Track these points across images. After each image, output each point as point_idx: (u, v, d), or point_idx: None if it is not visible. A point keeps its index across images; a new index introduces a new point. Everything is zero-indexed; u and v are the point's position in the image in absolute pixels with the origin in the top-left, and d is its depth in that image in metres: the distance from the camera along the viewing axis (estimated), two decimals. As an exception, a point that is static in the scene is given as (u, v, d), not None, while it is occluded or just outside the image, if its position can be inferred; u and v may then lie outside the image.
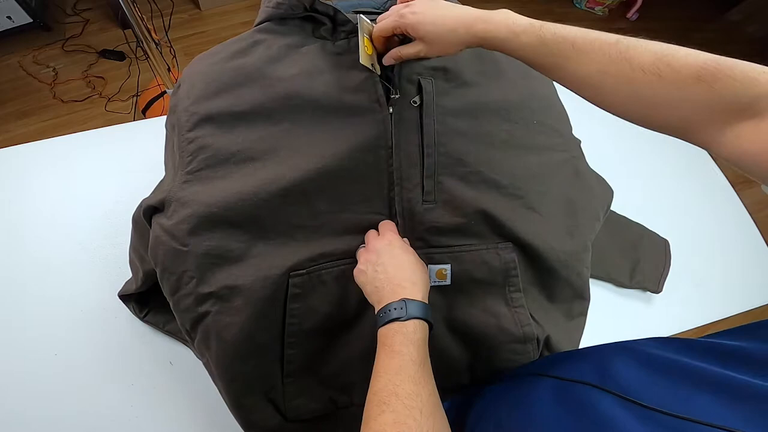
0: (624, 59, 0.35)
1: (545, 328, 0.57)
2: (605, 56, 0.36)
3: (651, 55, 0.34)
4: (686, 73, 0.32)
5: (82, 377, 0.67)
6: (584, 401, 0.33)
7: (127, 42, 1.78)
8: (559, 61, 0.39)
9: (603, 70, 0.36)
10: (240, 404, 0.52)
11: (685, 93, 0.32)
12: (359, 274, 0.48)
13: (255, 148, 0.50)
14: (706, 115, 0.32)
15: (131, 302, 0.69)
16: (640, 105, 0.36)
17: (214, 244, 0.49)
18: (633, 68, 0.34)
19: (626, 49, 0.35)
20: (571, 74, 0.39)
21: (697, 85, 0.32)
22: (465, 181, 0.54)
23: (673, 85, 0.33)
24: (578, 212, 0.60)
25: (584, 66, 0.37)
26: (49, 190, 0.82)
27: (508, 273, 0.55)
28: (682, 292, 0.85)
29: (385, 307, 0.43)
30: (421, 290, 0.45)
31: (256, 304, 0.49)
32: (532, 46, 0.40)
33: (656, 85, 0.33)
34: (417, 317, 0.42)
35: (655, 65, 0.33)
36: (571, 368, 0.39)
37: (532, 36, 0.40)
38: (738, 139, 0.31)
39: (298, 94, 0.52)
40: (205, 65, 0.55)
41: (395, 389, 0.36)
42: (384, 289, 0.44)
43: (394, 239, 0.49)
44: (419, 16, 0.46)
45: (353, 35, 0.55)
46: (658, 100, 0.34)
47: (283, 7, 0.56)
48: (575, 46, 0.38)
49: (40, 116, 1.76)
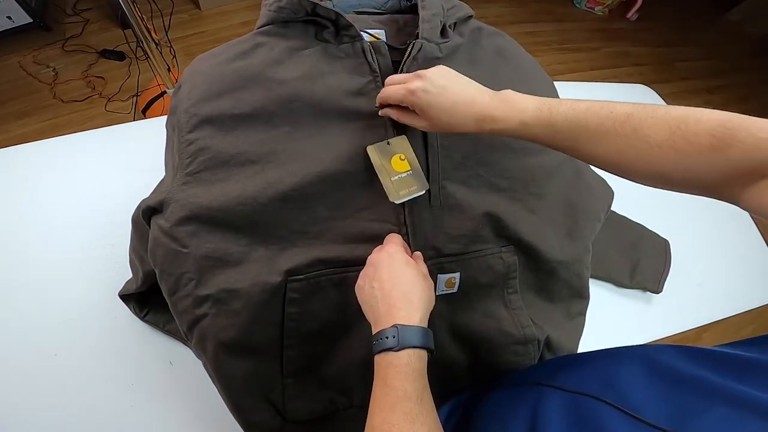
0: (639, 138, 0.35)
1: (545, 328, 0.57)
2: (620, 137, 0.36)
3: (665, 130, 0.34)
4: (700, 144, 0.33)
5: (82, 377, 0.66)
6: (589, 416, 0.33)
7: (127, 42, 1.78)
8: (574, 145, 0.40)
9: (620, 150, 0.37)
10: (239, 405, 0.52)
11: (702, 163, 0.33)
12: (358, 290, 0.45)
13: (255, 151, 0.50)
14: (725, 178, 0.33)
15: (131, 302, 0.69)
16: (662, 177, 0.36)
17: (213, 246, 0.48)
18: (650, 146, 0.35)
19: (639, 126, 0.35)
20: (589, 155, 0.40)
21: (712, 155, 0.32)
22: (467, 184, 0.54)
23: (689, 157, 0.34)
24: (579, 214, 0.60)
25: (601, 148, 0.38)
26: (49, 190, 0.82)
27: (508, 276, 0.55)
28: (683, 293, 0.85)
29: (379, 334, 0.40)
30: (419, 311, 0.41)
31: (254, 307, 0.48)
32: (546, 135, 0.41)
33: (673, 159, 0.34)
34: (412, 346, 0.38)
35: (671, 140, 0.34)
36: (577, 379, 0.39)
37: (544, 125, 0.40)
38: (760, 197, 0.31)
39: (299, 97, 0.52)
40: (207, 67, 0.55)
41: (390, 430, 0.34)
42: (378, 309, 0.41)
43: (396, 251, 0.45)
44: (430, 98, 0.44)
45: (357, 39, 0.54)
46: (678, 171, 0.35)
47: (285, 11, 0.55)
48: (588, 130, 0.38)
49: (40, 116, 1.76)
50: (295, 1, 0.54)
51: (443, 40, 0.57)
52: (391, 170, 0.49)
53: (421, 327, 0.40)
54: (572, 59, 2.36)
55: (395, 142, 0.51)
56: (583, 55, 2.40)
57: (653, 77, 2.38)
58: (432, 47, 0.55)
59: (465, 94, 0.44)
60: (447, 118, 0.44)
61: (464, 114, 0.43)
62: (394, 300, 0.41)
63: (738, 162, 0.32)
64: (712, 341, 1.53)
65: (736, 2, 2.75)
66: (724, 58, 2.57)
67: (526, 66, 0.65)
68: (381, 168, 0.49)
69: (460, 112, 0.43)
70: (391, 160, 0.49)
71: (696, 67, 2.53)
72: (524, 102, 0.42)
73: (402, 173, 0.49)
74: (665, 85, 2.34)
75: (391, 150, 0.50)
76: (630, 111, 0.36)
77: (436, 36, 0.56)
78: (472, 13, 0.62)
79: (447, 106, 0.43)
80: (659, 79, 2.36)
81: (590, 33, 2.51)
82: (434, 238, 0.52)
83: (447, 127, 0.45)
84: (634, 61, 2.46)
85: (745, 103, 2.38)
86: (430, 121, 0.45)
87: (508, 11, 2.50)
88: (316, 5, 0.54)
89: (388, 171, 0.49)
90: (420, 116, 0.46)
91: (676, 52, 2.57)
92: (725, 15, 2.81)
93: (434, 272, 0.51)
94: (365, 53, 0.54)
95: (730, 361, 0.30)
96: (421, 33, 0.55)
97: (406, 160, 0.50)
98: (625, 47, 2.50)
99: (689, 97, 2.38)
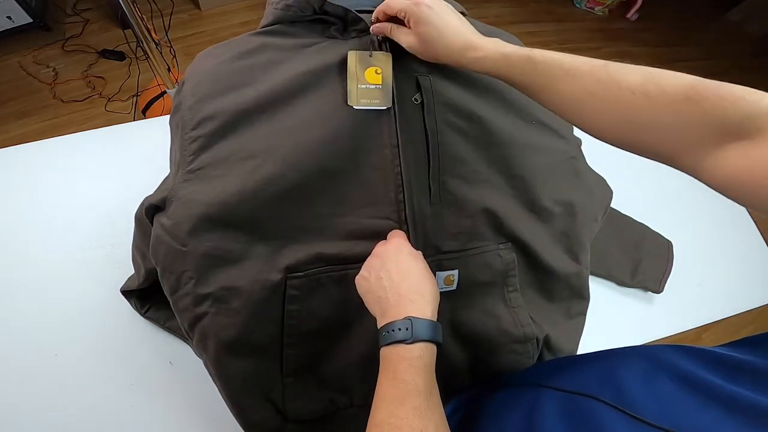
0: (613, 80, 0.35)
1: (544, 327, 0.57)
2: (593, 77, 0.36)
3: (640, 76, 0.34)
4: (675, 93, 0.32)
5: (82, 377, 0.66)
6: (587, 416, 0.33)
7: (127, 42, 1.78)
8: (547, 81, 0.40)
9: (591, 91, 0.36)
10: (239, 404, 0.52)
11: (673, 113, 0.32)
12: (361, 281, 0.44)
13: (256, 146, 0.50)
14: (694, 136, 0.31)
15: (133, 298, 0.69)
16: (627, 127, 0.35)
17: (213, 244, 0.48)
18: (621, 89, 0.34)
19: (615, 70, 0.35)
20: (558, 95, 0.40)
21: (686, 105, 0.31)
22: (467, 180, 0.53)
23: (661, 105, 0.32)
24: (577, 213, 0.60)
25: (572, 86, 0.38)
26: (49, 190, 0.82)
27: (507, 273, 0.54)
28: (683, 292, 0.85)
29: (389, 326, 0.38)
30: (430, 304, 0.40)
31: (254, 305, 0.48)
32: (521, 67, 0.41)
33: (644, 106, 0.33)
34: (425, 339, 0.37)
35: (644, 86, 0.33)
36: (575, 379, 0.39)
37: (524, 60, 0.41)
38: (724, 162, 0.30)
39: (301, 93, 0.51)
40: (212, 64, 0.55)
41: (398, 423, 0.33)
42: (388, 301, 0.40)
43: (403, 244, 0.45)
44: (431, 14, 0.46)
45: (365, 33, 0.54)
46: (645, 121, 0.34)
47: (293, 9, 0.55)
48: (563, 67, 0.38)
49: (40, 116, 1.76)
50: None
51: None
52: (361, 78, 0.51)
53: (432, 321, 0.39)
54: (572, 59, 2.36)
55: (378, 56, 0.52)
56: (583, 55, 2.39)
57: (653, 77, 2.38)
58: None
59: (459, 22, 0.47)
60: (437, 36, 0.46)
61: (453, 36, 0.45)
62: (405, 291, 0.40)
63: (711, 117, 0.30)
64: (712, 341, 1.53)
65: (736, 2, 2.75)
66: (724, 58, 2.57)
67: None
68: (353, 74, 0.51)
69: (450, 34, 0.45)
70: (365, 70, 0.51)
71: (696, 67, 2.53)
72: (508, 42, 0.44)
73: (371, 85, 0.51)
74: (665, 85, 2.34)
75: (370, 62, 0.52)
76: (609, 61, 0.37)
77: None
78: (462, 9, 0.62)
79: (441, 25, 0.46)
80: (659, 79, 2.36)
81: (590, 33, 2.51)
82: (434, 235, 0.52)
83: (433, 47, 0.46)
84: (634, 61, 2.38)
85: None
86: (419, 36, 0.47)
87: (508, 11, 2.50)
88: (324, 2, 0.54)
89: (359, 78, 0.51)
90: (411, 32, 0.48)
91: (676, 52, 2.57)
92: (725, 15, 2.80)
93: (433, 269, 0.51)
94: (374, 47, 0.54)
95: (727, 362, 0.30)
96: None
97: (381, 75, 0.52)
98: (625, 47, 2.50)
99: (689, 97, 2.38)
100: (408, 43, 0.48)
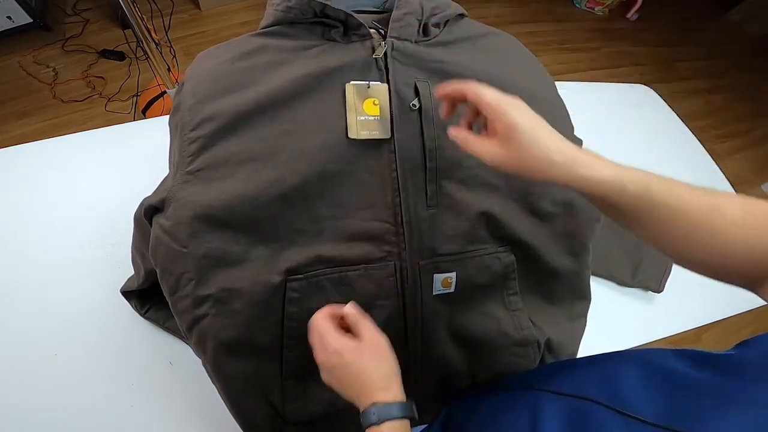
0: (717, 213, 0.33)
1: (545, 330, 0.57)
2: (701, 210, 0.34)
3: (738, 207, 0.33)
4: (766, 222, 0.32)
5: (81, 377, 0.66)
6: (586, 419, 0.33)
7: (127, 42, 1.78)
8: (662, 213, 0.35)
9: (696, 225, 0.34)
10: (239, 406, 0.52)
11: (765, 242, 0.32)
12: (326, 378, 0.45)
13: (256, 149, 0.50)
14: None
15: (133, 298, 0.69)
16: (722, 255, 0.34)
17: (213, 246, 0.48)
18: (726, 222, 0.33)
19: (722, 204, 0.34)
20: (671, 233, 0.36)
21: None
22: (464, 184, 0.53)
23: (757, 236, 0.32)
24: (578, 214, 0.59)
25: (685, 224, 0.35)
26: (49, 190, 0.82)
27: (506, 276, 0.54)
28: (683, 292, 0.84)
29: (362, 413, 0.40)
30: (391, 384, 0.41)
31: (254, 307, 0.48)
32: (637, 194, 0.35)
33: (744, 237, 0.33)
34: (393, 418, 0.39)
35: (743, 218, 0.33)
36: (574, 382, 0.39)
37: (641, 183, 0.35)
38: None
39: (301, 96, 0.51)
40: (213, 65, 0.54)
41: None
42: (354, 394, 0.42)
43: (336, 347, 0.43)
44: (521, 114, 0.36)
45: (366, 38, 0.54)
46: (742, 251, 0.33)
47: (294, 11, 0.54)
48: (683, 197, 0.35)
49: (40, 116, 1.76)
50: (304, 1, 0.53)
51: (423, 38, 0.56)
52: (360, 110, 0.51)
53: (399, 402, 0.40)
54: (572, 59, 2.36)
55: (375, 87, 0.52)
56: (583, 55, 2.40)
57: (653, 77, 2.38)
58: (406, 45, 0.54)
59: (554, 130, 0.38)
60: (535, 145, 0.36)
61: (557, 147, 0.36)
62: (362, 385, 0.41)
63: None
64: (712, 341, 1.53)
65: (736, 2, 2.76)
66: (724, 58, 2.57)
67: (524, 65, 0.65)
68: (351, 106, 0.51)
69: (553, 145, 0.36)
70: (364, 102, 0.51)
71: (696, 67, 2.53)
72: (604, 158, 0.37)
73: (370, 116, 0.51)
74: (665, 85, 2.34)
75: (368, 93, 0.52)
76: (708, 188, 0.35)
77: (411, 34, 0.55)
78: (462, 11, 0.62)
79: (541, 131, 0.36)
80: (659, 79, 2.36)
81: (590, 33, 2.51)
82: (430, 237, 0.52)
83: (529, 160, 0.36)
84: (634, 61, 2.46)
85: (745, 103, 2.39)
86: (510, 145, 0.37)
87: (508, 11, 2.50)
88: (326, 6, 0.53)
89: (357, 110, 0.51)
90: (497, 140, 0.37)
91: (676, 52, 2.57)
92: (725, 15, 2.81)
93: (430, 271, 0.51)
94: (375, 52, 0.53)
95: (726, 361, 0.31)
96: (389, 33, 0.54)
97: (378, 105, 0.51)
98: (625, 47, 2.50)
99: (689, 97, 2.38)
100: (491, 156, 0.38)
